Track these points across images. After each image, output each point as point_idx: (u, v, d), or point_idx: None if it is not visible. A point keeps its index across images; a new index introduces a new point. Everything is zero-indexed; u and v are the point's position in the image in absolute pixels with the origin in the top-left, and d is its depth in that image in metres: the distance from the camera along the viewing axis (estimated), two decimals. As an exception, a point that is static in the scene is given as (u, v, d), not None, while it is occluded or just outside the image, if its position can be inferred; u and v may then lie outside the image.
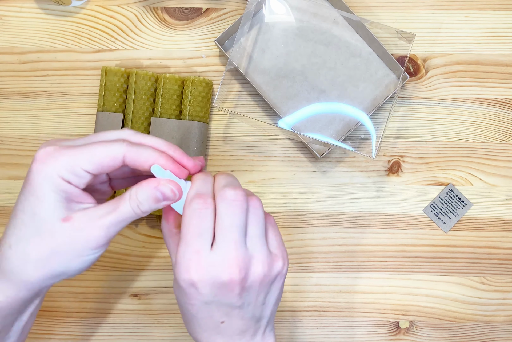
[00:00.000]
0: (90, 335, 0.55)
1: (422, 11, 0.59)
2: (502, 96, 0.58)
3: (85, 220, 0.35)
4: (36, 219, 0.35)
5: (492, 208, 0.57)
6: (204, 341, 0.39)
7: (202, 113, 0.55)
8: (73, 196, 0.36)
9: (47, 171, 0.35)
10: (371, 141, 0.55)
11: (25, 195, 0.36)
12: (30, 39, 0.58)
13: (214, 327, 0.38)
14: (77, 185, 0.36)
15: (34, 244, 0.35)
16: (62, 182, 0.35)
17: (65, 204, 0.35)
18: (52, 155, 0.35)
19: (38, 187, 0.35)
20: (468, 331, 0.56)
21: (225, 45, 0.57)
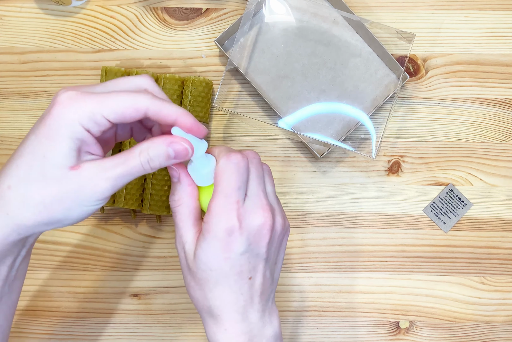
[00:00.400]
0: (90, 335, 0.55)
1: (422, 11, 0.59)
2: (502, 96, 0.58)
3: (93, 170, 0.35)
4: (45, 163, 0.34)
5: (492, 208, 0.57)
6: (225, 305, 0.40)
7: (202, 113, 0.55)
8: (86, 145, 0.35)
9: (68, 116, 0.34)
10: (371, 141, 0.55)
11: (38, 137, 0.35)
12: (30, 39, 0.58)
13: (240, 286, 0.40)
14: (93, 133, 0.35)
15: (38, 187, 0.35)
16: (81, 129, 0.34)
17: (76, 153, 0.35)
18: (76, 100, 0.34)
19: (55, 131, 0.34)
20: (468, 331, 0.56)
21: (225, 45, 0.57)
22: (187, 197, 0.40)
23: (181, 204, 0.40)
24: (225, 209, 0.38)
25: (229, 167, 0.39)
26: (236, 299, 0.40)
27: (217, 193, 0.39)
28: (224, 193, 0.39)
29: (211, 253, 0.39)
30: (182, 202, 0.40)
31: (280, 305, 0.56)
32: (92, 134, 0.35)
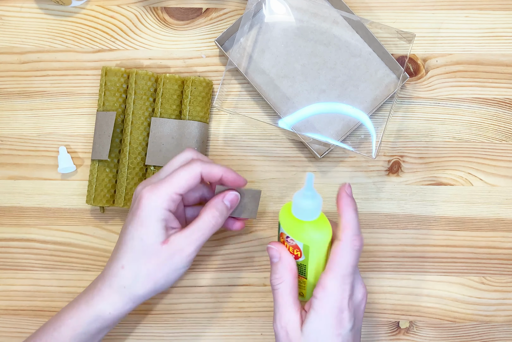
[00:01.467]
0: (90, 335, 0.56)
1: (422, 11, 0.59)
2: (502, 96, 0.58)
3: (178, 240, 0.44)
4: (143, 244, 0.44)
5: (492, 208, 0.57)
6: None
7: (202, 113, 0.55)
8: (169, 221, 0.45)
9: (154, 205, 0.44)
10: (371, 141, 0.55)
11: (134, 226, 0.44)
12: (30, 39, 0.58)
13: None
14: (173, 210, 0.45)
15: (143, 263, 0.44)
16: (164, 211, 0.44)
17: (164, 230, 0.44)
18: (153, 191, 0.44)
19: (146, 218, 0.44)
20: (468, 331, 0.56)
21: (225, 45, 0.57)
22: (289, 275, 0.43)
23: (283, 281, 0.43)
24: (341, 288, 0.41)
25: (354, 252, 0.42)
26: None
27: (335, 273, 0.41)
28: (342, 273, 0.41)
29: (324, 329, 0.41)
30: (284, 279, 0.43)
31: (280, 305, 0.56)
32: (172, 212, 0.45)
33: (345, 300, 0.41)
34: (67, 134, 0.58)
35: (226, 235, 0.56)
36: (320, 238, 0.43)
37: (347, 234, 0.42)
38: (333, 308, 0.41)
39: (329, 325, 0.41)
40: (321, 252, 0.43)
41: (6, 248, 0.57)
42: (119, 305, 0.45)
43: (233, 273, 0.56)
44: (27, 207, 0.57)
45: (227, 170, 0.47)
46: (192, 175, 0.45)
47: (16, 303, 0.56)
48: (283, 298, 0.43)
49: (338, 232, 0.42)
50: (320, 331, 0.41)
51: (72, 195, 0.57)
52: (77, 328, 0.45)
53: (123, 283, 0.45)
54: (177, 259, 0.44)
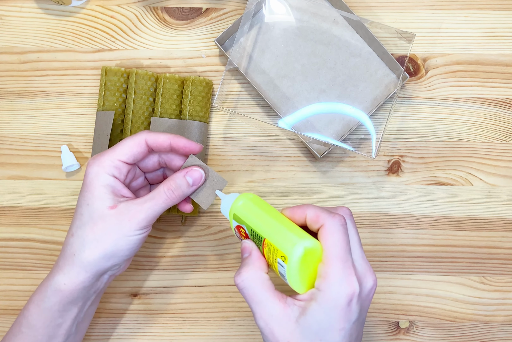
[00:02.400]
0: (90, 335, 0.55)
1: (422, 11, 0.59)
2: (502, 96, 0.58)
3: (127, 206, 0.44)
4: (90, 209, 0.44)
5: (492, 208, 0.57)
6: None
7: (202, 113, 0.55)
8: (117, 189, 0.45)
9: (96, 170, 0.44)
10: (371, 141, 0.55)
11: (82, 193, 0.45)
12: (30, 39, 0.58)
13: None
14: (119, 177, 0.45)
15: (89, 228, 0.44)
16: (107, 176, 0.44)
17: (111, 196, 0.44)
18: (97, 159, 0.45)
19: (90, 184, 0.44)
20: (468, 331, 0.56)
21: (225, 45, 0.57)
22: (257, 269, 0.40)
23: (250, 278, 0.40)
24: (344, 274, 0.37)
25: (338, 230, 0.38)
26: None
27: (333, 258, 0.38)
28: (340, 257, 0.38)
29: (327, 323, 0.37)
30: (250, 275, 0.40)
31: (280, 305, 0.56)
32: (118, 179, 0.45)
33: (352, 288, 0.37)
34: (67, 134, 0.58)
35: (226, 235, 0.56)
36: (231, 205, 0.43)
37: (322, 218, 0.39)
38: (339, 300, 0.37)
39: (333, 319, 0.37)
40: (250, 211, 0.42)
41: (6, 247, 0.57)
42: (72, 274, 0.44)
43: (233, 273, 0.56)
44: (27, 207, 0.57)
45: (175, 137, 0.46)
46: (136, 142, 0.45)
47: (16, 303, 0.56)
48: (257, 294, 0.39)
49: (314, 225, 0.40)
50: (322, 324, 0.37)
51: (72, 194, 0.57)
52: (39, 303, 0.45)
53: (73, 250, 0.44)
54: (126, 224, 0.43)
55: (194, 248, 0.56)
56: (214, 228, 0.57)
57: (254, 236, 0.41)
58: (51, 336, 0.45)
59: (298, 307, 0.38)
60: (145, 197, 0.44)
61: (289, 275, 0.38)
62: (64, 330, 0.46)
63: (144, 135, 0.45)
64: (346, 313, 0.37)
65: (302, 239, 0.38)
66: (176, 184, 0.45)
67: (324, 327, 0.37)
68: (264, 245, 0.40)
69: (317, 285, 0.38)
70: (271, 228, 0.40)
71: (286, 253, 0.38)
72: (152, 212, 0.44)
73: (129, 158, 0.45)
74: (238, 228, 0.43)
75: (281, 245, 0.38)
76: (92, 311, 0.49)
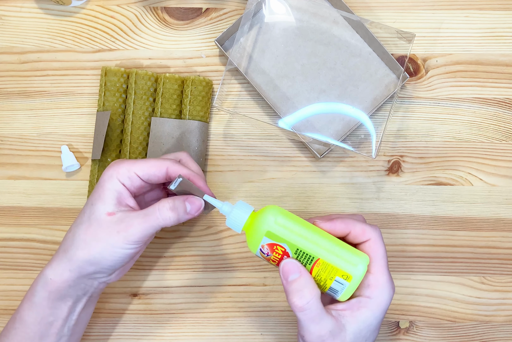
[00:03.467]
0: (90, 335, 0.55)
1: (422, 11, 0.59)
2: (502, 96, 0.58)
3: (122, 217, 0.43)
4: (92, 209, 0.44)
5: (492, 208, 0.57)
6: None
7: (202, 112, 0.55)
8: (123, 197, 0.45)
9: (111, 173, 0.45)
10: (371, 141, 0.55)
11: (92, 192, 0.45)
12: (30, 39, 0.58)
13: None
14: (128, 187, 0.45)
15: (84, 228, 0.44)
16: (118, 182, 0.44)
17: (115, 202, 0.44)
18: (117, 163, 0.45)
19: (100, 185, 0.45)
20: (468, 331, 0.56)
21: (225, 45, 0.57)
22: (317, 289, 0.41)
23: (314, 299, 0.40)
24: (390, 282, 0.42)
25: (381, 240, 0.43)
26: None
27: (382, 268, 0.42)
28: (386, 267, 0.42)
29: (375, 326, 0.42)
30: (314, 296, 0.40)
31: (281, 305, 0.56)
32: (127, 188, 0.45)
33: (393, 294, 0.42)
34: (67, 134, 0.58)
35: (226, 235, 0.56)
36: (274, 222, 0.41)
37: (368, 232, 0.42)
38: (387, 304, 0.42)
39: (380, 321, 0.42)
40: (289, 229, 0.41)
41: (6, 247, 0.57)
42: (58, 271, 0.44)
43: (233, 273, 0.56)
44: (27, 207, 0.57)
45: (195, 175, 0.46)
46: (158, 165, 0.45)
47: (16, 303, 0.56)
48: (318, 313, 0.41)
49: (360, 238, 0.43)
50: (371, 327, 0.42)
51: (72, 194, 0.57)
52: (30, 297, 0.45)
53: (65, 246, 0.45)
54: (114, 235, 0.43)
55: (194, 248, 0.56)
56: (214, 228, 0.57)
57: (300, 255, 0.41)
58: (43, 334, 0.45)
59: (344, 317, 0.41)
60: (142, 211, 0.44)
61: (347, 291, 0.41)
62: (55, 329, 0.46)
63: (168, 164, 0.45)
64: (385, 314, 0.42)
65: (361, 257, 0.41)
66: (173, 205, 0.44)
67: (372, 329, 0.42)
68: (316, 264, 0.41)
69: (367, 293, 0.41)
70: (323, 247, 0.41)
71: (349, 272, 0.40)
72: (141, 228, 0.43)
73: (144, 176, 0.45)
74: (272, 246, 0.42)
75: (342, 264, 0.41)
76: (86, 317, 0.49)
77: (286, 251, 0.41)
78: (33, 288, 0.46)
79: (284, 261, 0.41)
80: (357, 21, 0.55)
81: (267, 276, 0.56)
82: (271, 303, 0.56)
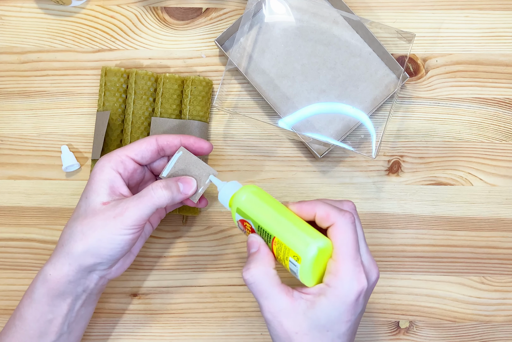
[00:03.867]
0: (89, 335, 0.55)
1: (422, 11, 0.59)
2: (502, 96, 0.58)
3: (117, 204, 0.43)
4: (86, 202, 0.44)
5: (492, 208, 0.57)
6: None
7: (202, 112, 0.55)
8: (117, 186, 0.45)
9: (102, 163, 0.45)
10: (371, 141, 0.55)
11: (86, 186, 0.45)
12: (30, 39, 0.58)
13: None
14: (122, 173, 0.45)
15: (80, 221, 0.44)
16: (110, 170, 0.44)
17: (108, 191, 0.44)
18: (107, 154, 0.46)
19: (92, 177, 0.45)
20: (468, 331, 0.56)
21: (225, 45, 0.57)
22: (266, 265, 0.41)
23: (259, 273, 0.40)
24: (355, 272, 0.39)
25: (349, 229, 0.39)
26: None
27: (344, 256, 0.39)
28: (351, 255, 0.39)
29: (336, 316, 0.39)
30: (259, 270, 0.40)
31: (280, 305, 0.56)
32: (121, 175, 0.45)
33: (361, 285, 0.39)
34: (67, 134, 0.58)
35: (226, 235, 0.56)
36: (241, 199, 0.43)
37: (333, 217, 0.40)
38: (349, 296, 0.39)
39: (342, 312, 0.39)
40: (255, 207, 0.42)
41: (6, 247, 0.57)
42: (57, 265, 0.44)
43: (233, 273, 0.56)
44: (27, 207, 0.57)
45: (185, 136, 0.47)
46: (146, 140, 0.46)
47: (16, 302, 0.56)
48: (266, 289, 0.40)
49: (324, 223, 0.40)
50: (330, 317, 0.39)
51: (72, 194, 0.57)
52: (30, 294, 0.45)
53: (62, 241, 0.45)
54: (111, 221, 0.43)
55: (194, 248, 0.56)
56: (214, 228, 0.57)
57: (261, 232, 0.42)
58: (43, 332, 0.45)
59: (306, 301, 0.39)
60: (136, 195, 0.44)
61: (301, 273, 0.39)
62: (55, 327, 0.45)
63: (155, 136, 0.47)
64: (354, 307, 0.39)
65: (315, 239, 0.39)
66: (166, 184, 0.44)
67: (332, 320, 0.39)
68: (273, 243, 0.41)
69: (327, 281, 0.39)
70: (281, 226, 0.40)
71: (299, 253, 0.39)
72: (137, 210, 0.43)
73: (137, 155, 0.46)
74: (243, 222, 0.43)
75: (293, 245, 0.39)
76: (87, 314, 0.49)
77: (252, 227, 0.43)
78: (32, 285, 0.46)
79: (249, 235, 0.43)
80: (357, 21, 0.56)
81: (267, 276, 0.56)
82: (271, 303, 0.56)
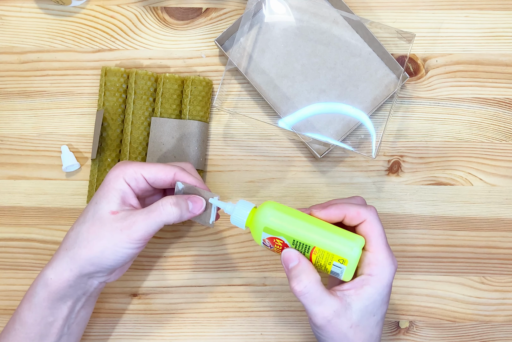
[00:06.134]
0: (90, 335, 0.55)
1: (422, 11, 0.59)
2: (502, 96, 0.58)
3: (125, 216, 0.44)
4: (96, 208, 0.44)
5: (492, 208, 0.57)
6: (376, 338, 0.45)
7: (202, 112, 0.55)
8: (128, 197, 0.45)
9: (117, 173, 0.45)
10: (371, 141, 0.55)
11: (97, 191, 0.45)
12: (30, 39, 0.58)
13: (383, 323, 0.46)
14: (133, 188, 0.45)
15: (87, 226, 0.44)
16: (123, 182, 0.45)
17: (119, 201, 0.44)
18: (124, 164, 0.46)
19: (105, 184, 0.45)
20: (468, 331, 0.56)
21: (225, 45, 0.57)
22: (314, 273, 0.43)
23: (311, 282, 0.42)
24: (390, 257, 0.43)
25: (378, 221, 0.43)
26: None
27: (381, 246, 0.43)
28: (384, 244, 0.43)
29: (380, 301, 0.43)
30: (311, 280, 0.42)
31: (281, 305, 0.56)
32: (132, 189, 0.45)
33: (395, 268, 0.43)
34: (67, 134, 0.58)
35: (226, 235, 0.56)
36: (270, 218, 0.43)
37: (363, 214, 0.43)
38: (389, 279, 0.43)
39: (385, 295, 0.43)
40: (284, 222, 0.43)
41: (6, 247, 0.57)
42: (58, 270, 0.44)
43: (233, 273, 0.56)
44: (27, 207, 0.57)
45: (202, 184, 0.47)
46: (166, 170, 0.46)
47: (16, 303, 0.56)
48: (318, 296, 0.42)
49: (355, 221, 0.44)
50: (376, 302, 0.43)
51: (72, 194, 0.57)
52: (30, 298, 0.45)
53: (67, 245, 0.45)
54: (117, 233, 0.43)
55: (194, 248, 0.56)
56: (214, 228, 0.57)
57: (297, 245, 0.43)
58: (43, 334, 0.45)
59: (349, 296, 0.42)
60: (145, 209, 0.44)
61: (347, 273, 0.43)
62: (56, 329, 0.46)
63: (176, 170, 0.46)
64: (391, 288, 0.43)
65: (355, 241, 0.42)
66: (176, 200, 0.44)
67: (377, 304, 0.43)
68: (312, 252, 0.43)
69: (368, 271, 0.43)
70: (318, 236, 0.42)
71: (345, 256, 0.42)
72: (144, 225, 0.43)
73: (150, 179, 0.46)
74: (272, 239, 0.44)
75: (337, 250, 0.42)
76: (86, 315, 0.49)
77: (284, 242, 0.44)
78: (32, 289, 0.45)
79: (284, 251, 0.44)
80: (357, 21, 0.56)
81: (267, 276, 0.56)
82: (271, 303, 0.56)
